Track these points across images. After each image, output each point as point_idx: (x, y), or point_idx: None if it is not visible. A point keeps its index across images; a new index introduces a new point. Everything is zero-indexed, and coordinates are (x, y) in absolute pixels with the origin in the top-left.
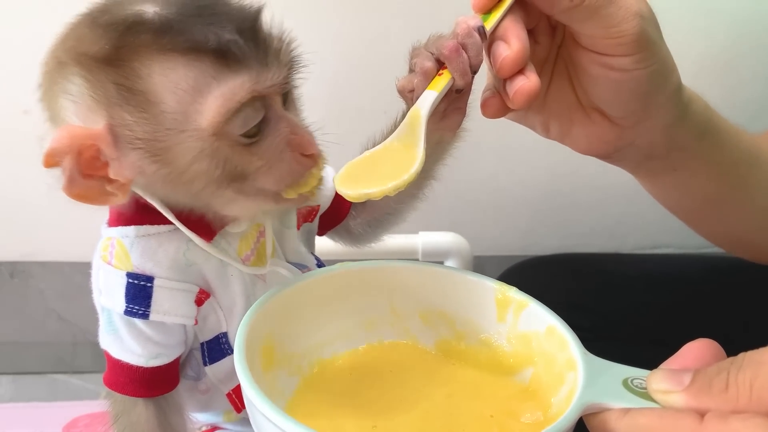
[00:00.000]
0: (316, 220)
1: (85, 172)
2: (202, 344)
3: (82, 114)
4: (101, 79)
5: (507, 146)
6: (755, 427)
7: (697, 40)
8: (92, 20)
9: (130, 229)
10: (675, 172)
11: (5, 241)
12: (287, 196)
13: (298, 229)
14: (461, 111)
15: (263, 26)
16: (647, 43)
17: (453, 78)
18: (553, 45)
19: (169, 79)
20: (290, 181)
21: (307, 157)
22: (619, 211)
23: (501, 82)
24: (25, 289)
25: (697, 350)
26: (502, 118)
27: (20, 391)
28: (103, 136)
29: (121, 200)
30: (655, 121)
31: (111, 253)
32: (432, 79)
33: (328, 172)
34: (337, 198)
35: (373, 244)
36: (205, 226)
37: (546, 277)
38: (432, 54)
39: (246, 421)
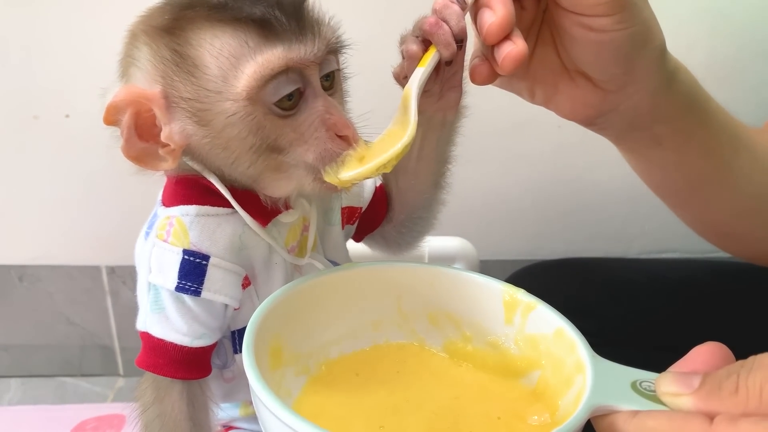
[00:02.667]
0: (356, 223)
1: (141, 134)
2: (233, 332)
3: (143, 78)
4: (160, 45)
5: (513, 151)
6: (765, 430)
7: (703, 46)
8: (165, 2)
9: (192, 208)
10: (660, 147)
11: (14, 245)
12: (327, 178)
13: (342, 228)
14: (457, 88)
15: (307, 7)
16: (626, 4)
17: (438, 51)
18: (539, 10)
19: (214, 46)
20: (326, 160)
21: (341, 138)
22: (625, 215)
23: (489, 48)
24: (34, 292)
25: (706, 353)
26: (503, 125)
27: (28, 394)
28: (157, 99)
29: (170, 166)
30: (638, 86)
31: (168, 231)
32: (420, 60)
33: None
34: (375, 202)
35: (410, 251)
36: (261, 211)
37: (552, 282)
38: (417, 37)
39: None
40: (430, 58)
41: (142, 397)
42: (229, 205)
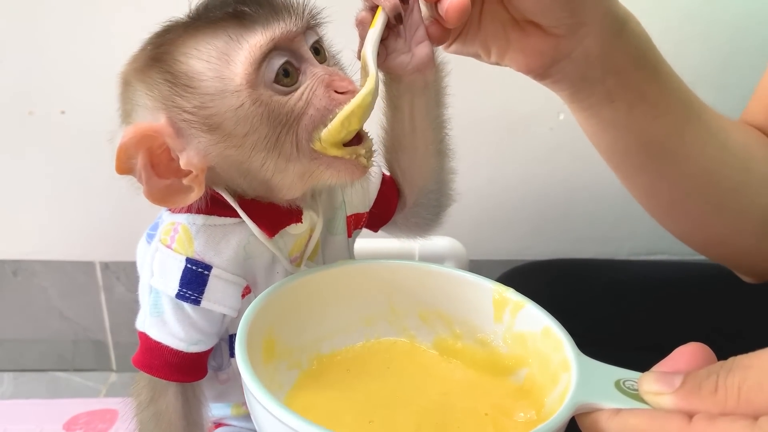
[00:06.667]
0: (363, 225)
1: (159, 172)
2: (230, 336)
3: (146, 116)
4: (152, 77)
5: (504, 152)
6: (741, 428)
7: (694, 49)
8: (144, 44)
9: (199, 218)
10: (612, 105)
11: (9, 240)
12: (315, 146)
13: (350, 236)
14: (425, 44)
15: None
16: None
17: (384, 11)
18: None
19: (200, 53)
20: (324, 118)
21: (340, 94)
22: (614, 217)
23: (433, 7)
24: (28, 287)
25: (688, 354)
26: (495, 127)
27: (21, 388)
28: (166, 129)
29: (199, 194)
30: (588, 29)
31: (172, 237)
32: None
33: (373, 178)
34: (383, 195)
35: (432, 230)
36: (269, 223)
37: (541, 283)
38: (366, 5)
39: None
40: (378, 17)
41: (138, 396)
42: (237, 215)
